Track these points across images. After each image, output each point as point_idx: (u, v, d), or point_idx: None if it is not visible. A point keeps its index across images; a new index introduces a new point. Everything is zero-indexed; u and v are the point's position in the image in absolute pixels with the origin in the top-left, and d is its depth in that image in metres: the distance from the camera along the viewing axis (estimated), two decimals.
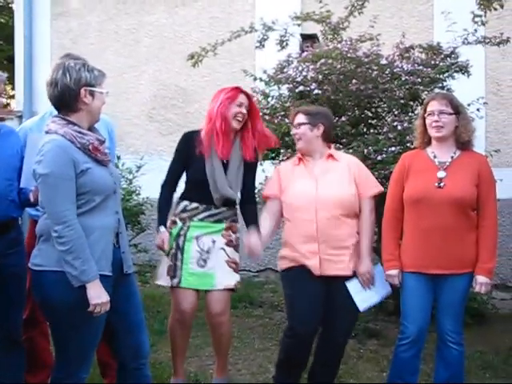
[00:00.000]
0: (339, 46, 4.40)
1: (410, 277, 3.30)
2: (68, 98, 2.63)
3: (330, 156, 3.53)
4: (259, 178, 5.02)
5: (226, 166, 3.62)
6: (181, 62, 6.66)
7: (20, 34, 8.24)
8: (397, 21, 6.87)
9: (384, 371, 4.08)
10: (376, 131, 4.50)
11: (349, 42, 4.42)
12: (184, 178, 3.73)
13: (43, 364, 3.50)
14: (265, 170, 4.97)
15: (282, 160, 4.48)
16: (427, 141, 3.37)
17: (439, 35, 5.81)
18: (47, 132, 2.66)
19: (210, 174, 3.57)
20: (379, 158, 4.23)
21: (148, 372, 2.95)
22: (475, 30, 4.80)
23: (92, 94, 2.67)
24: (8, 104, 11.45)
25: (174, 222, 3.65)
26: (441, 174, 3.26)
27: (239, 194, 3.74)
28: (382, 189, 3.52)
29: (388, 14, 6.90)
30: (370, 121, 4.85)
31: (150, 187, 4.74)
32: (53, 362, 2.97)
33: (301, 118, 3.55)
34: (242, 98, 3.61)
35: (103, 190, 2.65)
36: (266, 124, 4.52)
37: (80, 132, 2.63)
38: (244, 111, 3.60)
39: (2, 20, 13.53)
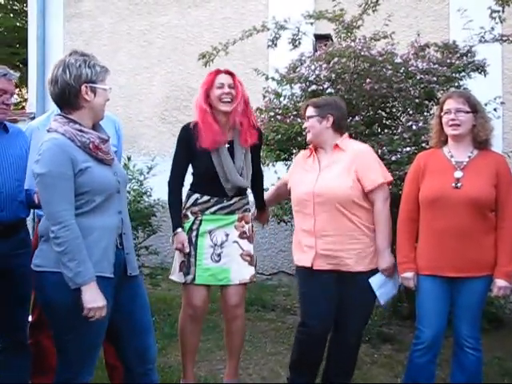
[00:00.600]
0: (352, 44, 4.30)
1: (426, 280, 3.20)
2: (68, 95, 2.57)
3: (337, 146, 3.42)
4: (272, 179, 4.98)
5: (232, 153, 3.53)
6: (193, 63, 6.59)
7: (33, 36, 8.28)
8: (412, 20, 6.77)
9: (398, 377, 3.99)
10: (390, 131, 4.40)
11: (362, 41, 4.33)
12: (190, 169, 3.65)
13: (50, 367, 3.42)
14: (277, 172, 4.92)
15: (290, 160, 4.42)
16: (444, 140, 3.28)
17: (455, 34, 5.70)
18: (49, 131, 2.61)
19: (218, 164, 3.49)
20: (394, 158, 4.14)
21: (155, 377, 2.87)
22: (492, 28, 4.69)
23: (94, 90, 2.60)
24: (23, 107, 11.49)
25: (186, 216, 3.57)
26: (458, 173, 3.17)
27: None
28: (390, 178, 3.39)
29: (403, 14, 6.80)
30: (384, 121, 4.76)
31: (161, 189, 4.67)
32: None
33: (310, 110, 3.48)
34: (221, 79, 3.49)
35: (104, 189, 2.57)
36: (278, 124, 4.47)
37: (81, 130, 2.57)
38: (227, 90, 3.46)
39: (18, 24, 13.60)
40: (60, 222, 2.44)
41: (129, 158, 5.20)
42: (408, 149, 4.13)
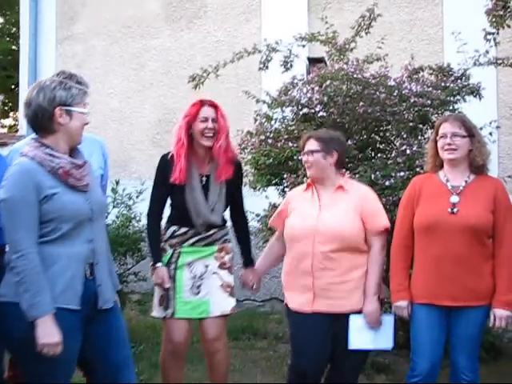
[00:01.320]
0: (345, 66, 4.22)
1: (421, 309, 3.08)
2: (41, 118, 2.49)
3: (340, 187, 3.30)
4: (263, 204, 4.87)
5: (207, 188, 3.43)
6: (186, 87, 6.50)
7: (25, 59, 8.23)
8: (406, 44, 6.73)
9: None
10: (384, 156, 4.30)
11: (355, 63, 4.25)
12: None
13: None
14: (268, 197, 4.80)
15: (286, 186, 4.30)
16: (439, 164, 3.19)
17: (449, 58, 5.62)
18: (21, 154, 2.51)
19: (190, 199, 3.39)
20: (387, 183, 4.03)
21: None
22: (487, 52, 4.63)
23: (69, 113, 2.51)
24: (17, 130, 11.41)
25: (164, 249, 3.47)
26: (454, 198, 3.07)
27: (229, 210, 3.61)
28: (388, 225, 3.27)
29: (397, 37, 6.76)
30: (378, 145, 4.66)
31: None
32: None
33: (313, 144, 3.30)
34: (205, 112, 3.38)
35: (72, 217, 2.46)
36: (269, 148, 4.37)
37: (51, 155, 2.47)
38: (211, 125, 3.37)
39: (14, 47, 13.58)
40: (18, 250, 2.34)
41: (117, 182, 5.08)
42: (402, 173, 4.03)
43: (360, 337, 3.18)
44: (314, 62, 6.16)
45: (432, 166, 3.22)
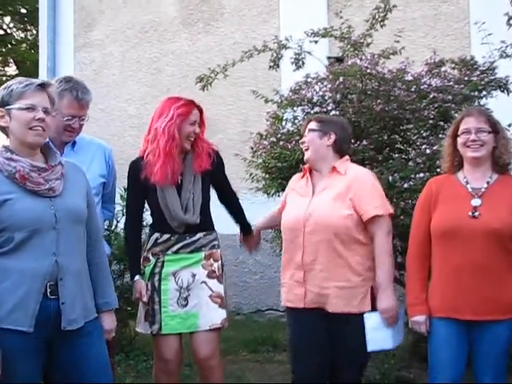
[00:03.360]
0: (358, 61, 3.95)
1: (440, 323, 2.79)
2: None
3: (334, 169, 3.07)
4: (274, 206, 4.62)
5: (179, 187, 3.20)
6: (204, 91, 6.38)
7: (43, 67, 8.16)
8: (430, 40, 6.42)
9: None
10: (402, 156, 4.00)
11: (369, 58, 3.97)
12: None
13: None
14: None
15: None
16: (457, 164, 2.89)
17: (477, 53, 5.34)
18: None
19: (162, 201, 3.17)
20: (406, 185, 3.73)
21: None
22: None
23: (9, 113, 2.32)
24: None
25: (147, 259, 3.24)
26: (475, 201, 2.77)
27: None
28: (390, 210, 3.02)
29: (421, 34, 6.46)
30: (398, 145, 4.37)
31: None
32: None
33: (312, 124, 3.18)
34: (194, 115, 3.24)
35: (25, 225, 2.25)
36: (279, 150, 4.12)
37: (9, 158, 2.30)
38: (197, 130, 3.23)
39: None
40: None
41: (125, 189, 4.88)
42: (422, 175, 3.72)
43: (378, 337, 2.92)
44: (334, 61, 5.92)
45: (450, 165, 2.93)
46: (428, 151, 3.81)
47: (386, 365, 4.56)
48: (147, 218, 3.51)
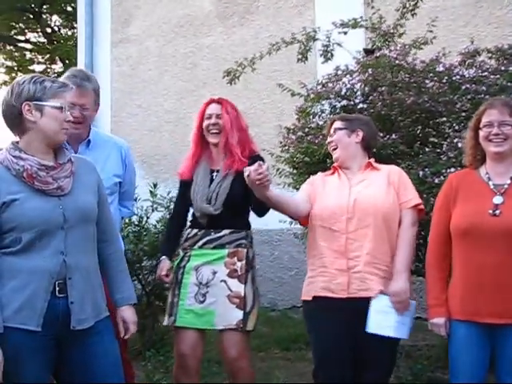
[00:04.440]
0: (387, 52, 3.81)
1: (460, 326, 2.65)
2: (10, 116, 2.28)
3: (369, 165, 3.04)
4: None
5: (211, 181, 3.28)
6: (239, 84, 6.34)
7: (81, 65, 8.23)
8: (471, 29, 6.18)
9: None
10: (435, 150, 3.85)
11: (399, 48, 3.82)
12: None
13: None
14: None
15: None
16: (480, 158, 2.75)
17: None
18: None
19: (193, 192, 3.26)
20: (437, 180, 3.58)
21: None
22: None
23: (39, 109, 2.27)
24: None
25: (177, 254, 3.31)
26: (497, 199, 2.63)
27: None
28: (420, 202, 2.99)
29: (461, 23, 6.23)
30: (431, 138, 4.21)
31: None
32: None
33: (337, 123, 3.12)
34: (210, 109, 3.30)
35: (34, 225, 2.21)
36: (306, 145, 4.03)
37: (17, 157, 2.26)
38: (214, 121, 3.26)
39: None
40: None
41: (155, 185, 4.89)
42: (453, 170, 3.56)
43: (381, 320, 2.79)
44: (370, 53, 5.77)
45: (471, 159, 2.79)
46: (460, 145, 3.64)
47: (418, 365, 4.41)
48: None
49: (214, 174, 3.29)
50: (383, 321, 2.79)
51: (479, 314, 2.59)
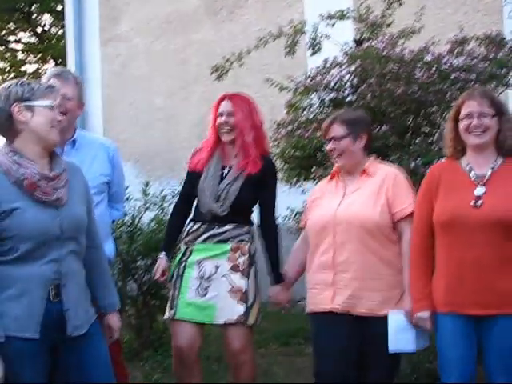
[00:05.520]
0: (374, 43, 3.78)
1: (445, 320, 2.63)
2: (0, 120, 2.26)
3: (364, 172, 2.98)
4: (299, 199, 4.49)
5: (222, 179, 3.23)
6: (230, 79, 6.31)
7: (71, 63, 8.21)
8: (460, 17, 6.13)
9: None
10: (424, 139, 3.83)
11: (387, 39, 3.79)
12: None
13: None
14: (305, 191, 4.42)
15: (313, 178, 3.91)
16: (461, 149, 2.73)
17: (510, 28, 5.09)
18: None
19: (201, 186, 3.20)
20: (428, 171, 3.55)
21: None
22: None
23: (30, 109, 2.25)
24: None
25: (178, 248, 3.29)
26: (479, 190, 2.62)
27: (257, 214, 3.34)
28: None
29: (450, 11, 6.19)
30: (422, 128, 4.18)
31: None
32: None
33: (339, 130, 2.98)
34: (221, 107, 3.25)
35: (32, 236, 2.20)
36: (296, 139, 4.00)
37: (17, 163, 2.23)
38: (224, 119, 3.21)
39: None
40: None
41: (147, 184, 4.87)
42: (444, 160, 3.54)
43: (402, 338, 2.79)
44: (360, 44, 5.72)
45: (452, 150, 2.76)
46: None
47: (416, 356, 4.39)
48: None
49: (226, 170, 3.24)
50: (403, 338, 2.78)
51: (463, 305, 2.58)
